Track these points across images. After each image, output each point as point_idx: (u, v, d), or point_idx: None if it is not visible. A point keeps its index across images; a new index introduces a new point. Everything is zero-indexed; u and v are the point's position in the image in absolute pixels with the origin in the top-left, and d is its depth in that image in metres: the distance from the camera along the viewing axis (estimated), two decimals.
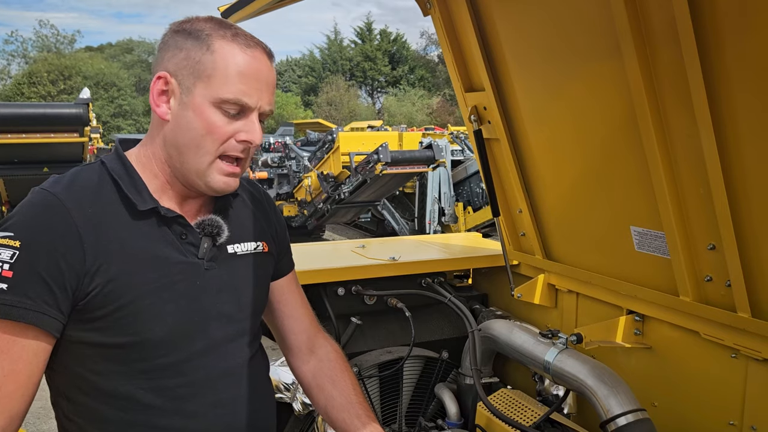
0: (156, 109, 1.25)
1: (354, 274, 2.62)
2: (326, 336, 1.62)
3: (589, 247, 2.37)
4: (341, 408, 1.48)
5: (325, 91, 38.81)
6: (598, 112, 2.04)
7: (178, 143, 1.24)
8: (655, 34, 1.70)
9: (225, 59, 1.21)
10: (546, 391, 2.48)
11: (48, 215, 1.16)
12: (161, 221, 1.26)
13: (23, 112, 9.99)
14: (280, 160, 12.27)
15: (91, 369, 1.21)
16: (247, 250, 1.40)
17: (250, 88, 1.22)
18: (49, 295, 1.13)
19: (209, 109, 1.21)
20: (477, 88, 2.50)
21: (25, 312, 1.11)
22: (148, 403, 1.23)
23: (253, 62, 1.23)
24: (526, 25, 2.17)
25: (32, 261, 1.12)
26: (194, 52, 1.21)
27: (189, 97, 1.22)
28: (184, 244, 1.28)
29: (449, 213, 10.74)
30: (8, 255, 1.11)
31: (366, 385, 2.58)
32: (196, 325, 1.28)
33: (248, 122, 1.24)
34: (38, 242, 1.13)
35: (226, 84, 1.20)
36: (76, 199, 1.19)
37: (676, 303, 2.02)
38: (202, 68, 1.21)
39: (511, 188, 2.58)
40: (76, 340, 1.19)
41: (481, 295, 3.03)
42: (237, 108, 1.22)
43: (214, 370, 1.30)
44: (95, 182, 1.25)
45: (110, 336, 1.19)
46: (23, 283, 1.11)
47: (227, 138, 1.23)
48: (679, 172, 1.81)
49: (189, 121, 1.22)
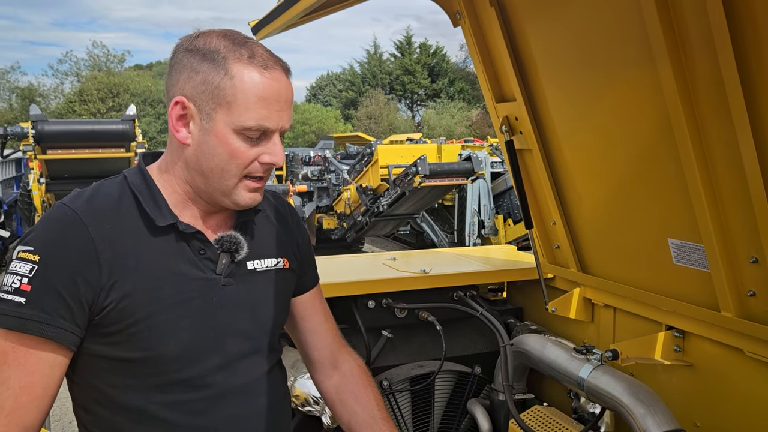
0: (176, 135, 1.24)
1: (384, 286, 2.60)
2: (350, 351, 1.61)
3: (626, 261, 2.30)
4: (365, 424, 1.46)
5: (365, 105, 39.06)
6: (633, 121, 1.98)
7: (201, 168, 1.24)
8: (690, 41, 1.65)
9: (244, 85, 1.19)
10: (582, 408, 2.40)
11: (66, 231, 1.18)
12: (180, 237, 1.27)
13: (74, 129, 10.35)
14: (320, 174, 12.37)
15: (108, 382, 1.23)
16: (267, 266, 1.39)
17: (271, 111, 1.21)
18: (65, 309, 1.15)
19: (231, 135, 1.20)
20: (508, 99, 2.46)
21: (41, 326, 1.13)
22: (163, 418, 1.24)
23: (273, 84, 1.21)
24: (557, 34, 2.13)
25: (49, 276, 1.14)
26: (212, 77, 1.19)
27: (210, 123, 1.21)
28: (203, 260, 1.28)
29: (489, 226, 10.63)
30: (27, 269, 1.14)
31: (397, 400, 2.55)
32: (212, 341, 1.27)
33: (270, 144, 1.24)
34: (56, 257, 1.15)
35: (247, 110, 1.19)
36: (94, 214, 1.21)
37: (717, 318, 1.93)
38: (221, 94, 1.19)
39: (545, 200, 2.53)
40: (93, 353, 1.21)
41: (516, 309, 2.97)
42: (259, 133, 1.22)
43: (229, 386, 1.29)
44: (115, 197, 1.26)
45: (125, 351, 1.20)
46: (40, 298, 1.13)
47: (251, 161, 1.23)
48: (717, 181, 1.74)
49: (212, 147, 1.22)
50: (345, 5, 2.35)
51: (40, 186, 10.21)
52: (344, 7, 2.37)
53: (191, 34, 1.26)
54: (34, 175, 10.24)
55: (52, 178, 10.45)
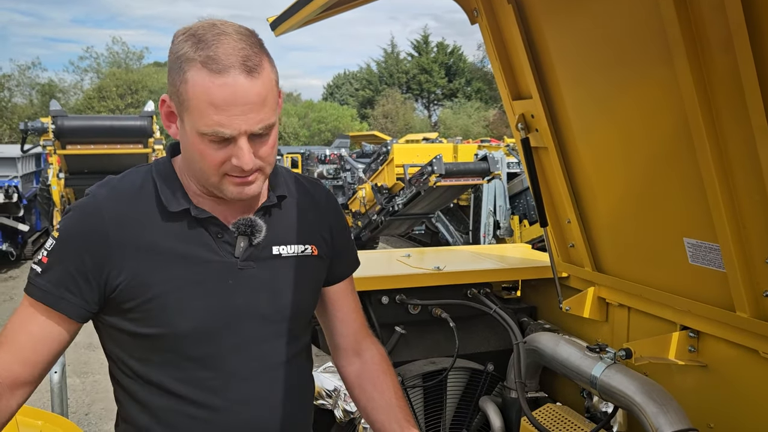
0: (168, 130, 1.30)
1: (398, 282, 2.61)
2: (374, 340, 1.63)
3: (641, 260, 2.29)
4: (380, 410, 1.49)
5: (381, 103, 39.07)
6: (649, 120, 1.97)
7: (188, 162, 1.30)
8: (709, 39, 1.64)
9: (195, 91, 1.17)
10: (594, 407, 2.40)
11: (83, 214, 1.28)
12: (196, 222, 1.30)
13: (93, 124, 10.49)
14: (336, 172, 12.41)
15: (131, 354, 1.31)
16: (292, 252, 1.40)
17: (226, 117, 1.17)
18: (73, 284, 1.25)
19: (197, 138, 1.21)
20: (524, 96, 2.46)
21: (49, 296, 1.25)
22: (178, 393, 1.29)
23: (223, 90, 1.16)
24: (574, 31, 2.13)
25: (62, 253, 1.25)
26: (175, 80, 1.20)
27: (181, 124, 1.24)
28: (221, 243, 1.31)
29: (504, 226, 10.58)
30: (49, 244, 1.27)
31: (409, 396, 2.56)
32: (226, 322, 1.30)
33: (236, 149, 1.20)
34: (70, 236, 1.26)
35: (201, 117, 1.18)
36: (113, 200, 1.29)
37: (732, 319, 1.92)
38: (182, 99, 1.20)
39: (560, 198, 2.52)
40: (116, 327, 1.29)
41: (530, 308, 2.96)
42: (220, 138, 1.19)
43: (244, 368, 1.32)
44: (137, 184, 1.32)
45: (142, 326, 1.27)
46: (51, 270, 1.25)
47: (222, 163, 1.22)
48: (734, 180, 1.73)
49: (187, 148, 1.26)
50: (362, 2, 2.36)
51: (59, 181, 10.35)
52: (361, 4, 2.38)
53: (179, 30, 1.25)
54: (54, 170, 10.38)
55: (71, 173, 10.59)
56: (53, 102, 10.77)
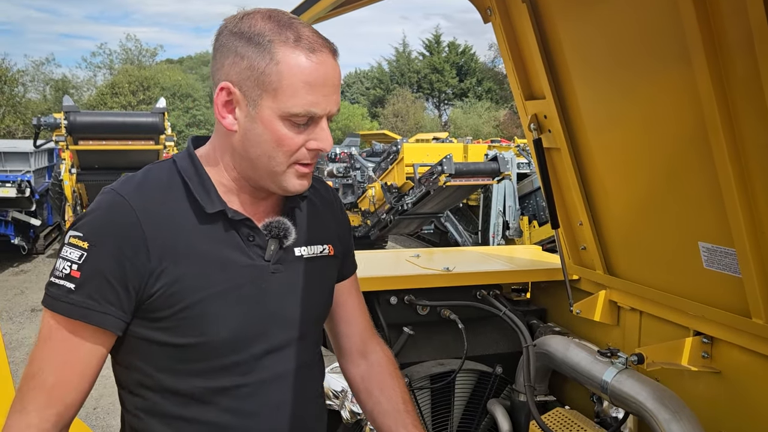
0: (222, 121, 1.22)
1: (407, 283, 2.59)
2: (379, 340, 1.60)
3: (654, 264, 2.25)
4: (387, 415, 1.46)
5: (392, 102, 39.01)
6: (666, 122, 1.94)
7: (248, 154, 1.22)
8: (728, 41, 1.60)
9: (291, 70, 1.15)
10: (604, 412, 2.37)
11: (115, 217, 1.19)
12: (229, 224, 1.26)
13: (105, 120, 10.51)
14: (345, 171, 12.37)
15: (156, 366, 1.24)
16: (314, 253, 1.38)
17: (318, 96, 1.18)
18: (113, 295, 1.17)
19: (278, 122, 1.18)
20: (537, 96, 2.43)
21: (89, 312, 1.16)
22: (208, 401, 1.25)
23: (320, 68, 1.17)
24: (590, 31, 2.10)
25: (98, 262, 1.16)
26: (257, 62, 1.16)
27: (256, 109, 1.18)
28: (251, 246, 1.27)
29: (514, 227, 10.54)
30: (77, 255, 1.16)
31: (417, 397, 2.54)
32: (260, 328, 1.27)
33: (318, 130, 1.21)
34: (104, 243, 1.17)
35: (294, 97, 1.16)
36: (143, 199, 1.21)
37: (747, 325, 1.89)
38: (267, 80, 1.16)
39: (572, 199, 2.49)
40: (141, 337, 1.22)
41: (540, 310, 2.93)
42: (306, 119, 1.19)
43: (273, 373, 1.30)
44: (164, 182, 1.26)
45: (174, 336, 1.21)
46: (89, 284, 1.16)
47: (298, 148, 1.21)
48: (751, 185, 1.70)
49: (258, 134, 1.19)
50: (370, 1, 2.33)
51: (71, 176, 10.41)
52: (372, 2, 2.35)
53: (235, 15, 1.22)
54: (66, 165, 10.44)
55: (83, 169, 10.63)
56: (66, 98, 10.82)
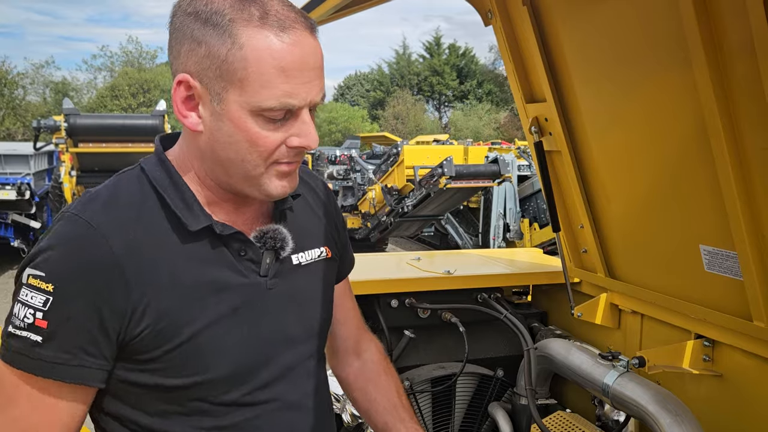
0: (184, 121, 1.02)
1: (408, 286, 2.59)
2: (371, 337, 1.54)
3: (655, 267, 2.25)
4: (384, 411, 1.41)
5: (392, 105, 39.06)
6: (666, 124, 1.94)
7: (219, 158, 1.03)
8: (729, 43, 1.60)
9: (258, 55, 0.95)
10: (606, 416, 2.36)
11: (82, 250, 0.98)
12: (217, 239, 1.08)
13: (105, 123, 10.54)
14: (345, 173, 12.38)
15: (145, 411, 1.07)
16: (311, 258, 1.22)
17: (295, 85, 0.97)
18: (91, 344, 0.98)
19: (248, 118, 0.99)
20: (538, 99, 2.43)
21: (64, 369, 0.97)
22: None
23: (294, 50, 0.96)
24: (591, 34, 2.10)
25: (68, 309, 0.96)
26: (217, 47, 0.96)
27: (221, 105, 0.99)
28: (243, 262, 1.10)
29: (514, 229, 10.55)
30: (41, 301, 0.96)
31: (418, 400, 2.54)
32: (262, 353, 1.13)
33: (299, 124, 1.01)
34: (74, 283, 0.97)
35: (265, 88, 0.96)
36: (114, 224, 1.01)
37: (749, 328, 1.88)
38: (230, 69, 0.96)
39: (573, 202, 2.49)
40: (125, 381, 1.04)
41: (541, 313, 2.93)
42: (283, 113, 0.99)
43: (280, 403, 1.16)
44: (138, 198, 1.06)
45: (164, 377, 1.04)
46: (59, 335, 0.96)
47: (276, 147, 1.02)
48: (753, 187, 1.69)
49: (227, 134, 1.00)
50: (374, 3, 2.34)
51: (71, 178, 10.42)
52: (374, 5, 2.35)
53: None
54: (66, 168, 10.44)
55: (83, 171, 10.64)
56: (66, 100, 10.84)
